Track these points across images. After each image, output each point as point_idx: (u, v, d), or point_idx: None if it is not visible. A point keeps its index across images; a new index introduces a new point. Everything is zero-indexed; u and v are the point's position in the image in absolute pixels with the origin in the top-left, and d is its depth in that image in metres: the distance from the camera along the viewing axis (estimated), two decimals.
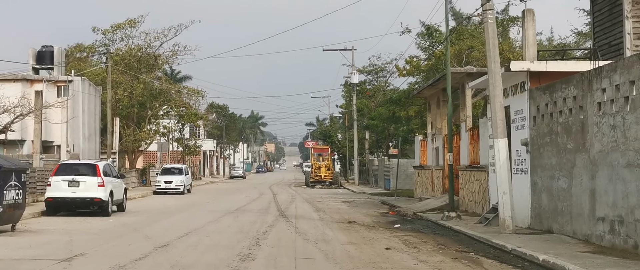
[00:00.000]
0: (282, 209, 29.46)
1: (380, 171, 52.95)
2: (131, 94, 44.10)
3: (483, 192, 22.67)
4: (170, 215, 25.73)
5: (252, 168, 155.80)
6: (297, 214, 26.17)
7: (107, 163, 25.96)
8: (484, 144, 22.42)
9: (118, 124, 43.03)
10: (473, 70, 25.01)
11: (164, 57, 48.73)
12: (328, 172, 60.53)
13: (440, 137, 29.99)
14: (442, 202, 26.82)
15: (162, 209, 29.36)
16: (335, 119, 77.87)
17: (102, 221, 22.43)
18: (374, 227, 21.11)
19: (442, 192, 29.55)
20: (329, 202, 35.00)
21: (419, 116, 42.08)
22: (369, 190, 48.84)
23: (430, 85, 29.03)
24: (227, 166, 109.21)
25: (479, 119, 25.33)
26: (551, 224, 16.79)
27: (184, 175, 44.26)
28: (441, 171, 29.72)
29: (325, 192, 47.99)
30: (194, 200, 36.55)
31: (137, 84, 45.18)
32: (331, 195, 42.90)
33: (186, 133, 69.88)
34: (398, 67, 47.72)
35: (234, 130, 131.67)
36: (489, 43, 17.32)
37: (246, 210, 28.70)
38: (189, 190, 45.62)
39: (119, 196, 26.12)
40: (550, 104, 16.74)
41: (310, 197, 41.26)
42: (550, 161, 16.75)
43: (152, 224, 21.62)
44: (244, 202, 35.16)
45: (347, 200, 36.84)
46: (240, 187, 60.21)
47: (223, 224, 21.56)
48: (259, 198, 39.58)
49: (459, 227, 19.58)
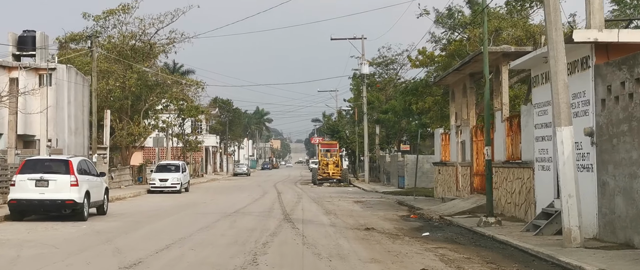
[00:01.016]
0: (287, 211, 25.85)
1: (393, 168, 49.29)
2: (124, 84, 40.51)
3: (526, 192, 19.00)
4: (157, 219, 22.15)
5: (257, 165, 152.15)
6: (304, 218, 22.56)
7: (83, 159, 22.36)
8: (528, 136, 18.76)
9: (109, 117, 39.45)
10: (510, 50, 21.33)
11: (160, 45, 45.10)
12: (336, 169, 56.85)
13: (467, 129, 26.32)
14: (473, 204, 23.16)
15: (151, 211, 25.79)
16: (343, 114, 74.08)
17: (73, 228, 18.86)
18: (398, 235, 17.48)
19: (469, 191, 25.90)
20: (339, 203, 31.39)
21: (437, 107, 38.40)
22: (382, 189, 45.20)
23: (457, 69, 25.34)
24: (231, 163, 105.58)
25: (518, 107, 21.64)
26: (631, 236, 13.11)
27: (180, 172, 40.69)
28: (469, 168, 26.05)
29: (334, 191, 44.36)
30: (190, 200, 32.98)
31: (131, 74, 41.61)
32: (341, 194, 39.29)
33: (187, 128, 66.32)
34: (410, 57, 44.71)
35: (239, 126, 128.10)
36: (549, 5, 13.62)
37: (246, 212, 25.10)
38: (186, 189, 42.04)
39: (98, 197, 22.55)
40: (629, 82, 13.05)
41: (318, 196, 37.65)
42: (629, 155, 13.07)
43: (131, 232, 18.05)
44: (245, 202, 31.58)
45: (359, 200, 33.22)
46: (243, 185, 56.62)
47: (216, 232, 17.97)
48: (262, 197, 35.99)
49: (503, 237, 15.94)
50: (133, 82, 41.15)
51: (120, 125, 43.00)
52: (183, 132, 64.97)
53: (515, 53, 21.22)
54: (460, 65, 24.73)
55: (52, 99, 33.08)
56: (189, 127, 66.91)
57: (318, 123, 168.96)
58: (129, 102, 43.77)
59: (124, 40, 43.37)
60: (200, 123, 77.67)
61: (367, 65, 55.13)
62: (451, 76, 27.40)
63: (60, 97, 34.46)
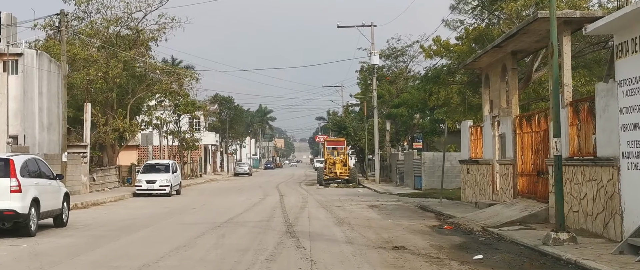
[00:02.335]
0: (290, 219, 21.29)
1: (407, 167, 44.66)
2: (107, 74, 35.97)
3: (607, 199, 14.38)
4: (127, 233, 17.61)
5: (260, 164, 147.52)
6: (311, 231, 18.00)
7: (32, 158, 17.77)
8: (607, 124, 14.15)
9: (89, 111, 34.88)
10: (575, 15, 16.69)
11: (148, 31, 40.48)
12: (344, 168, 52.22)
13: (508, 120, 21.71)
14: (522, 212, 18.56)
15: (126, 220, 21.25)
16: (350, 109, 69.35)
17: (5, 250, 14.33)
18: (439, 258, 12.91)
19: (512, 195, 21.29)
20: (351, 208, 26.84)
21: (460, 98, 33.83)
22: (396, 190, 40.62)
23: (497, 45, 20.72)
24: (233, 163, 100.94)
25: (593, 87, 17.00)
26: None
27: (170, 173, 36.17)
28: (510, 167, 21.43)
29: (343, 193, 39.77)
30: (178, 205, 28.46)
31: (115, 63, 37.04)
32: (351, 197, 34.72)
33: (184, 125, 61.80)
34: (424, 47, 40.51)
35: (241, 124, 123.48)
36: None
37: (240, 222, 20.55)
38: (177, 191, 37.53)
39: (54, 206, 18.01)
40: None
41: (326, 199, 33.10)
42: None
43: (82, 255, 13.50)
44: (242, 207, 27.05)
45: (374, 205, 28.65)
46: (243, 185, 52.08)
47: (195, 255, 13.41)
48: (262, 201, 31.45)
49: (593, 264, 11.35)
50: (118, 71, 36.57)
51: (103, 120, 38.38)
52: (179, 129, 60.50)
53: (578, 20, 16.62)
54: (502, 40, 20.11)
55: (18, 89, 28.60)
56: (186, 125, 62.31)
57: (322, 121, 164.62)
58: (114, 95, 39.16)
59: (108, 25, 38.81)
60: (198, 120, 73.17)
61: (377, 55, 50.39)
62: (487, 56, 22.80)
63: (28, 87, 29.95)
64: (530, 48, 20.86)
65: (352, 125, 63.53)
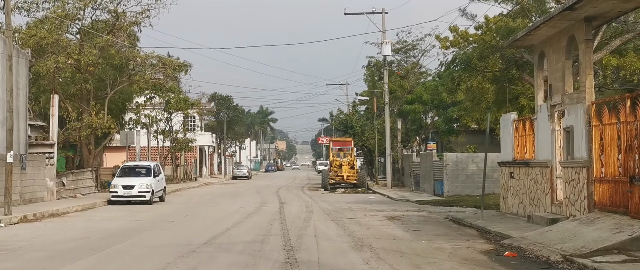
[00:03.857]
0: (291, 240, 16.04)
1: (424, 170, 39.29)
2: (79, 62, 30.73)
3: None
4: (58, 264, 12.38)
5: (261, 167, 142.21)
6: (321, 260, 12.73)
7: None
8: None
9: (57, 105, 29.59)
10: None
11: (130, 16, 35.18)
12: (352, 171, 46.85)
13: (579, 108, 16.40)
14: (617, 233, 13.26)
15: (72, 242, 16.03)
16: (357, 107, 63.93)
17: None
18: None
19: (586, 208, 15.98)
20: (367, 220, 21.61)
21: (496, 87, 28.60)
22: (412, 196, 35.36)
23: (569, 7, 15.43)
24: (231, 165, 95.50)
25: None
26: None
27: (152, 176, 30.89)
28: (584, 170, 16.12)
29: (353, 200, 34.49)
30: (154, 218, 23.24)
31: (89, 49, 31.83)
32: (364, 205, 29.48)
33: (177, 124, 56.50)
34: (439, 37, 35.65)
35: (241, 125, 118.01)
36: None
37: (224, 245, 15.30)
38: (161, 198, 32.27)
39: None
40: None
41: (334, 207, 27.89)
42: None
43: None
44: (232, 220, 21.85)
45: (394, 216, 23.41)
46: (240, 190, 46.82)
47: None
48: (258, 211, 26.23)
49: None
50: (92, 58, 31.31)
51: (74, 115, 33.07)
52: (170, 128, 55.23)
53: None
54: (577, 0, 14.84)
55: None
56: (179, 124, 57.01)
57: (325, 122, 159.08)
58: (90, 87, 33.84)
59: (83, 6, 33.49)
60: (193, 119, 67.90)
61: (388, 45, 45.06)
62: (546, 28, 17.56)
63: None
64: (613, 11, 15.59)
65: (360, 124, 58.23)
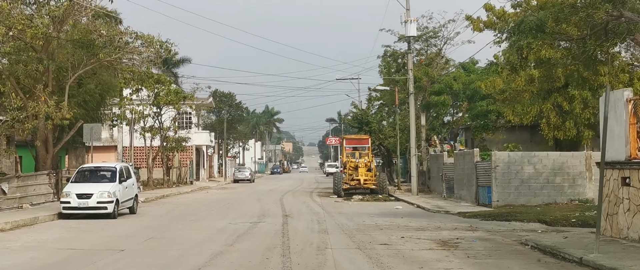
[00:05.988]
0: None
1: (461, 172, 31.95)
2: (23, 32, 23.71)
3: None
4: None
5: (266, 169, 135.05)
6: None
7: None
8: None
9: None
10: None
11: None
12: (369, 175, 39.69)
13: None
14: None
15: None
16: (372, 102, 56.53)
17: None
18: None
19: None
20: (413, 251, 14.46)
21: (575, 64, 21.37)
22: (450, 206, 28.20)
23: None
24: (234, 166, 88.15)
25: None
26: None
27: (117, 182, 23.76)
28: None
29: (376, 211, 27.30)
30: (99, 243, 16.15)
31: (39, 18, 24.81)
32: (394, 221, 22.30)
33: (167, 120, 49.39)
34: (471, 18, 29.27)
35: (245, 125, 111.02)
36: None
37: None
38: (131, 209, 25.16)
39: None
40: None
41: (356, 225, 20.74)
42: None
43: None
44: (212, 248, 14.75)
45: (446, 241, 16.25)
46: (237, 197, 39.66)
47: None
48: (251, 230, 19.09)
49: None
50: (41, 30, 24.22)
51: (20, 102, 25.91)
52: (161, 124, 48.10)
53: None
54: None
55: None
56: (169, 120, 49.87)
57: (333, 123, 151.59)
58: (42, 68, 26.57)
59: None
60: (188, 115, 60.75)
61: (414, 24, 37.81)
62: None
63: None
64: None
65: (376, 120, 50.97)
